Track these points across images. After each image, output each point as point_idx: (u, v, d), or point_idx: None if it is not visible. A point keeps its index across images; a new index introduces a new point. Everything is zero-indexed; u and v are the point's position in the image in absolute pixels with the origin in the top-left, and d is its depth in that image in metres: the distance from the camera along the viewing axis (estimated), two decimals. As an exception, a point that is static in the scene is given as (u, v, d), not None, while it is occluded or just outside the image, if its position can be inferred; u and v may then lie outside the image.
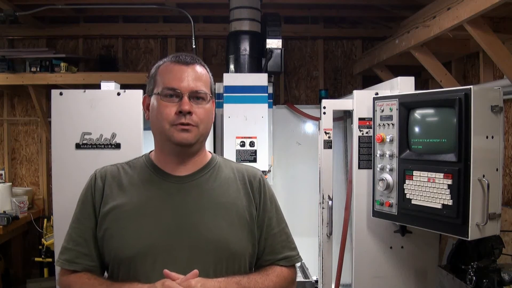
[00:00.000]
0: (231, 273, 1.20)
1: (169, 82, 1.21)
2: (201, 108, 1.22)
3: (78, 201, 1.29)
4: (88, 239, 1.23)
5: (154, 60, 4.19)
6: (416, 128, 1.96)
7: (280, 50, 2.71)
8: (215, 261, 1.19)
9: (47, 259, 3.58)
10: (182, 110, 1.18)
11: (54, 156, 2.29)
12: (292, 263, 1.33)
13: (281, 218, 1.36)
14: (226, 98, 2.55)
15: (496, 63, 2.37)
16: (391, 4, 3.45)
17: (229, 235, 1.22)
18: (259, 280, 1.22)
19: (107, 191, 1.25)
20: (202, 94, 1.22)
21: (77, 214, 1.27)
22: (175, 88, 1.20)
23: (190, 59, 1.24)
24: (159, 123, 1.21)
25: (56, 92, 2.30)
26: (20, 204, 3.68)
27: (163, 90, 1.21)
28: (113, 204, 1.23)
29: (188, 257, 1.17)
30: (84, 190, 1.29)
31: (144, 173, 1.28)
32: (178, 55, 1.25)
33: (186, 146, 1.22)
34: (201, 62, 1.28)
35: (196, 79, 1.22)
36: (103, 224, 1.22)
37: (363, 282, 2.27)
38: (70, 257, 1.22)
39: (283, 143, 3.19)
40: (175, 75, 1.21)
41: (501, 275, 1.81)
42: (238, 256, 1.23)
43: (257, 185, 1.32)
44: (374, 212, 2.14)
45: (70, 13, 3.80)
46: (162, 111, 1.20)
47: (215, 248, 1.20)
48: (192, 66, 1.24)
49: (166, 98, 1.21)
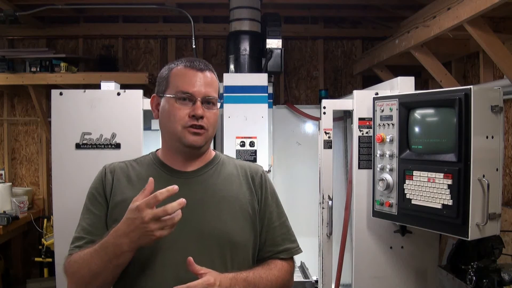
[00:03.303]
0: (236, 263, 1.27)
1: (183, 86, 1.27)
2: (211, 112, 1.30)
3: (88, 194, 1.33)
4: (99, 227, 1.26)
5: (154, 60, 4.20)
6: (416, 128, 1.96)
7: (280, 50, 2.71)
8: (220, 252, 1.26)
9: (47, 259, 3.59)
10: (196, 114, 1.26)
11: (54, 156, 2.30)
12: (292, 255, 1.41)
13: (282, 212, 1.43)
14: (226, 98, 2.54)
15: (496, 63, 2.37)
16: (391, 4, 3.46)
17: (232, 227, 1.28)
18: (263, 275, 1.28)
19: (116, 184, 1.32)
20: (213, 99, 1.31)
21: (87, 205, 1.32)
22: (190, 93, 1.27)
23: (204, 66, 1.32)
24: (171, 124, 1.28)
25: (56, 92, 2.30)
26: (20, 204, 3.68)
27: (177, 93, 1.27)
28: (122, 197, 1.28)
29: (194, 248, 1.22)
30: (93, 183, 1.34)
31: (152, 169, 1.35)
32: (192, 60, 1.32)
33: (196, 148, 1.30)
34: (211, 68, 1.36)
35: (208, 85, 1.30)
36: (113, 215, 1.26)
37: (363, 282, 2.27)
38: (81, 244, 1.25)
39: (283, 143, 3.19)
40: (190, 80, 1.28)
41: (501, 275, 1.80)
42: (241, 247, 1.30)
43: (258, 180, 1.39)
44: (374, 212, 2.15)
45: (70, 13, 3.80)
46: (176, 113, 1.27)
47: (219, 240, 1.26)
48: (205, 72, 1.31)
49: (180, 101, 1.28)
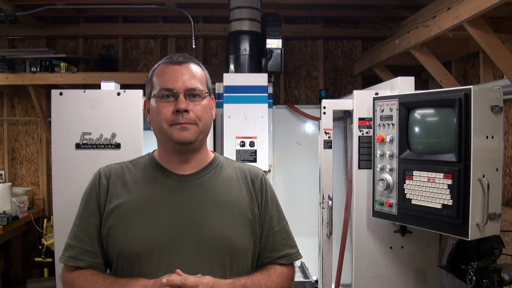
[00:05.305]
0: (235, 269, 1.23)
1: (164, 83, 1.24)
2: (198, 105, 1.24)
3: (82, 199, 1.29)
4: (92, 237, 1.23)
5: (154, 60, 4.19)
6: (416, 128, 1.96)
7: (280, 50, 2.71)
8: (218, 258, 1.21)
9: (47, 259, 3.58)
10: (179, 108, 1.21)
11: (54, 156, 2.30)
12: (292, 261, 1.36)
13: (282, 217, 1.39)
14: (226, 98, 2.55)
15: (496, 63, 2.37)
16: (391, 4, 3.45)
17: (231, 232, 1.24)
18: (262, 281, 1.24)
19: (111, 189, 1.26)
20: (197, 91, 1.25)
21: (81, 211, 1.28)
22: (170, 88, 1.23)
23: (182, 59, 1.27)
24: (159, 124, 1.24)
25: (56, 92, 2.30)
26: (20, 204, 3.68)
27: (159, 92, 1.24)
28: (117, 202, 1.24)
29: (192, 254, 1.19)
30: (88, 188, 1.30)
31: (148, 171, 1.30)
32: (171, 56, 1.28)
33: (186, 144, 1.24)
34: (195, 60, 1.30)
35: (190, 77, 1.25)
36: (108, 222, 1.23)
37: (363, 282, 2.27)
38: (74, 254, 1.23)
39: (283, 143, 3.19)
40: (169, 76, 1.24)
41: (501, 275, 1.80)
42: (241, 252, 1.26)
43: (259, 184, 1.35)
44: (374, 212, 2.14)
45: (70, 13, 3.79)
46: (160, 111, 1.23)
47: (218, 245, 1.22)
48: (186, 65, 1.26)
49: (163, 99, 1.23)
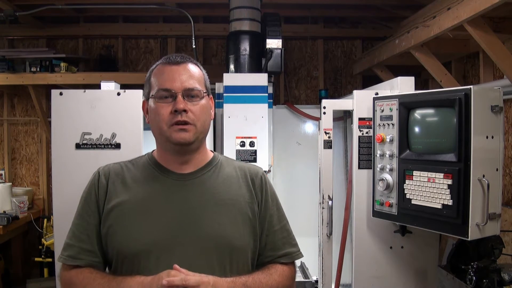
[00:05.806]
0: (234, 268, 1.23)
1: (162, 84, 1.24)
2: (196, 105, 1.24)
3: (81, 198, 1.29)
4: (91, 236, 1.23)
5: (154, 60, 4.17)
6: (416, 128, 1.96)
7: (280, 50, 2.71)
8: (218, 257, 1.21)
9: (47, 259, 3.59)
10: (177, 108, 1.20)
11: (54, 156, 2.29)
12: (293, 259, 1.36)
13: (282, 215, 1.38)
14: (226, 98, 2.54)
15: (496, 63, 2.37)
16: (391, 4, 3.45)
17: (231, 231, 1.24)
18: (263, 280, 1.23)
19: (110, 188, 1.26)
20: (195, 91, 1.25)
21: (80, 211, 1.28)
22: (168, 89, 1.23)
23: (180, 59, 1.27)
24: (158, 125, 1.24)
25: (56, 92, 2.30)
26: (20, 204, 3.68)
27: (157, 92, 1.23)
28: (116, 201, 1.24)
29: (191, 253, 1.19)
30: (87, 188, 1.30)
31: (147, 171, 1.30)
32: (169, 56, 1.28)
33: (185, 145, 1.24)
34: (193, 60, 1.30)
35: (188, 77, 1.24)
36: (107, 221, 1.23)
37: (363, 282, 2.27)
38: (73, 253, 1.23)
39: (283, 143, 3.19)
40: (167, 76, 1.24)
41: (501, 275, 1.81)
42: (241, 251, 1.25)
43: (259, 183, 1.34)
44: (374, 212, 2.14)
45: (70, 13, 3.80)
46: (159, 112, 1.23)
47: (217, 244, 1.22)
48: (183, 65, 1.26)
49: (161, 100, 1.23)
